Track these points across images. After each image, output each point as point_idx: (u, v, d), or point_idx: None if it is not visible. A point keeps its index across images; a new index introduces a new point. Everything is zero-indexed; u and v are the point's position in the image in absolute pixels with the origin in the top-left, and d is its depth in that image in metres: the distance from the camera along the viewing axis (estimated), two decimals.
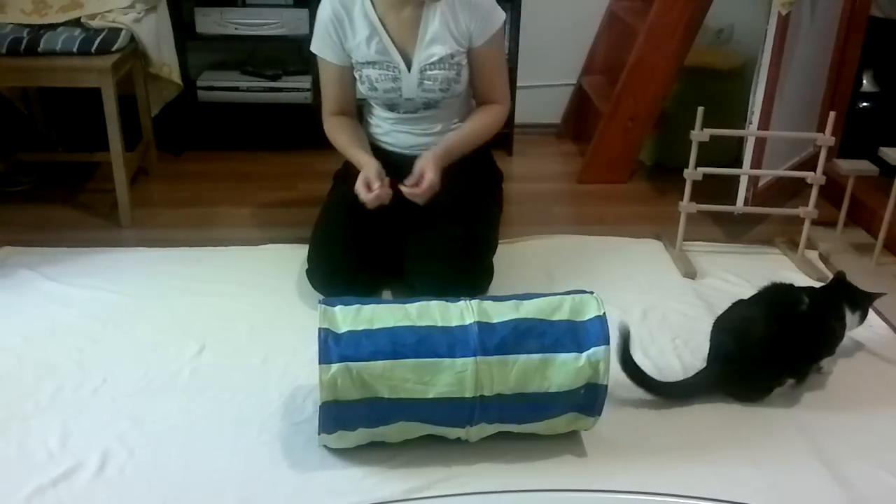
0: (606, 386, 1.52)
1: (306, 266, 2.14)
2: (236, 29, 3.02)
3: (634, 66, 2.86)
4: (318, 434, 1.53)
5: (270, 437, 1.63)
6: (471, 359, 1.48)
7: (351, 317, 1.52)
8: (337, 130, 2.22)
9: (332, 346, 1.47)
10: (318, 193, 2.39)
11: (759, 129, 2.41)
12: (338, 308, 1.55)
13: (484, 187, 2.27)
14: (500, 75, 2.23)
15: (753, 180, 2.48)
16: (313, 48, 2.18)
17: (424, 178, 2.01)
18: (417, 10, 2.08)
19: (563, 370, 1.50)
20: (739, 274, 2.32)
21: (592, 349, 1.50)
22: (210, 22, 3.01)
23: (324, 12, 2.12)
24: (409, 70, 2.11)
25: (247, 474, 1.54)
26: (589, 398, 1.53)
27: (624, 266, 2.36)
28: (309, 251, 2.16)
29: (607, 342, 1.51)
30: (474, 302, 1.56)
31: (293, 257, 2.31)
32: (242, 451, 1.59)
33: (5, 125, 2.89)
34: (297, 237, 2.42)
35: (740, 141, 2.65)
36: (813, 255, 2.45)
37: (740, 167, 2.48)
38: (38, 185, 2.86)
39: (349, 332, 1.49)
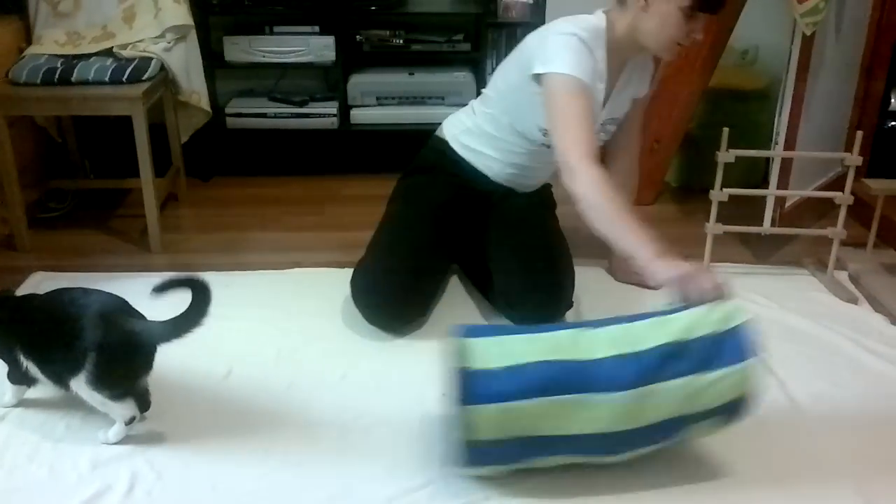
0: (756, 395, 1.48)
1: (358, 295, 2.11)
2: (264, 57, 3.07)
3: (659, 89, 2.86)
4: (456, 466, 1.50)
5: (296, 461, 1.63)
6: (618, 393, 1.42)
7: (492, 352, 1.45)
8: (612, 194, 1.70)
9: (473, 385, 1.41)
10: (345, 218, 2.41)
11: (784, 149, 2.40)
12: (476, 341, 1.47)
13: (553, 216, 2.29)
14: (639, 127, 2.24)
15: (780, 201, 2.47)
16: (572, 71, 1.81)
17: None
18: (623, 62, 2.02)
19: (713, 389, 1.45)
20: (768, 295, 2.30)
21: (741, 363, 1.45)
22: (238, 50, 3.06)
23: (577, 40, 1.85)
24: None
25: (273, 498, 1.54)
26: (737, 408, 1.49)
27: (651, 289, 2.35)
28: (362, 281, 2.11)
29: (755, 353, 1.45)
30: (615, 328, 1.49)
31: (320, 282, 2.32)
32: (269, 475, 1.60)
33: (39, 153, 2.95)
34: (324, 261, 2.44)
35: (767, 161, 2.64)
36: (842, 275, 2.42)
37: (767, 188, 2.47)
38: (71, 211, 2.91)
39: (489, 370, 1.43)
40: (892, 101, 2.95)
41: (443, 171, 2.22)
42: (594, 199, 1.69)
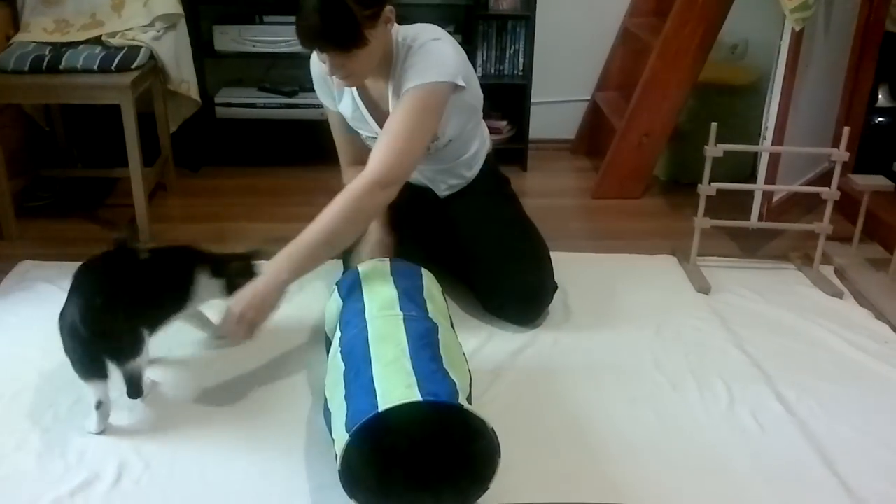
0: None
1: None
2: (254, 46, 3.06)
3: (648, 82, 2.87)
4: None
5: (285, 449, 1.64)
6: None
7: None
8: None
9: None
10: None
11: (773, 144, 2.41)
12: None
13: (510, 203, 2.27)
14: (391, 137, 1.84)
15: (768, 196, 2.48)
16: (318, 94, 2.16)
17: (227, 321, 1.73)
18: (382, 84, 2.00)
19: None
20: (754, 289, 2.32)
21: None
22: (228, 39, 3.05)
23: (315, 67, 2.08)
24: None
25: (262, 486, 1.55)
26: None
27: (638, 281, 2.36)
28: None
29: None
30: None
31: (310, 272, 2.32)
32: (258, 463, 1.60)
33: (27, 141, 2.94)
34: None
35: (755, 156, 2.65)
36: (828, 270, 2.44)
37: (755, 182, 2.48)
38: (58, 200, 2.90)
39: None
40: (880, 97, 2.98)
41: None
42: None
